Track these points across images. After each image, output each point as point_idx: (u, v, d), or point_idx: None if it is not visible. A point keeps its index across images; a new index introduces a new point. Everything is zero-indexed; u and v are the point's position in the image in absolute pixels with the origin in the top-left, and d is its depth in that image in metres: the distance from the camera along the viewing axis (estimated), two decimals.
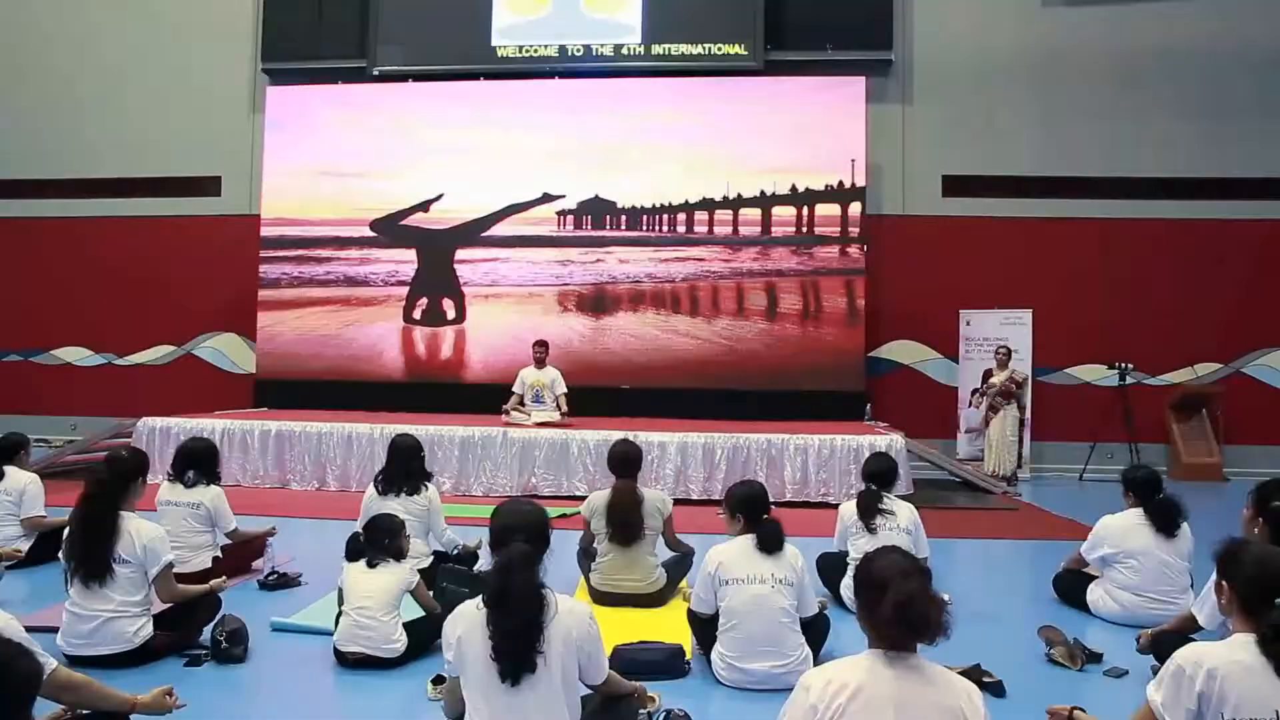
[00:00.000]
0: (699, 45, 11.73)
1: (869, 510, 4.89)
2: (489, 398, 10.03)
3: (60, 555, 3.90)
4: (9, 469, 5.74)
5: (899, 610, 2.21)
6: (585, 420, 9.32)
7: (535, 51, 11.97)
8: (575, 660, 2.75)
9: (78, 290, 12.92)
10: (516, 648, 2.62)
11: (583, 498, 6.56)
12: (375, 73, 12.14)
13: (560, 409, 9.39)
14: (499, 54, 12.01)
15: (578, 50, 11.92)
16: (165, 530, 4.13)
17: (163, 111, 12.83)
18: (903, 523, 4.90)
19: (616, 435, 8.22)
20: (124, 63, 12.95)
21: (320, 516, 7.54)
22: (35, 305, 13.01)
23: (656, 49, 11.80)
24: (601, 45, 11.89)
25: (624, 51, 11.86)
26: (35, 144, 13.08)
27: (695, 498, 8.39)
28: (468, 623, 2.73)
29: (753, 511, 4.02)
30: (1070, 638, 4.19)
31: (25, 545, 5.60)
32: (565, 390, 9.52)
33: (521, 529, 2.84)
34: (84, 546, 3.81)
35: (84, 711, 2.96)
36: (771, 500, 4.29)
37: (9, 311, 13.07)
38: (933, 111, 11.87)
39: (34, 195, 13.09)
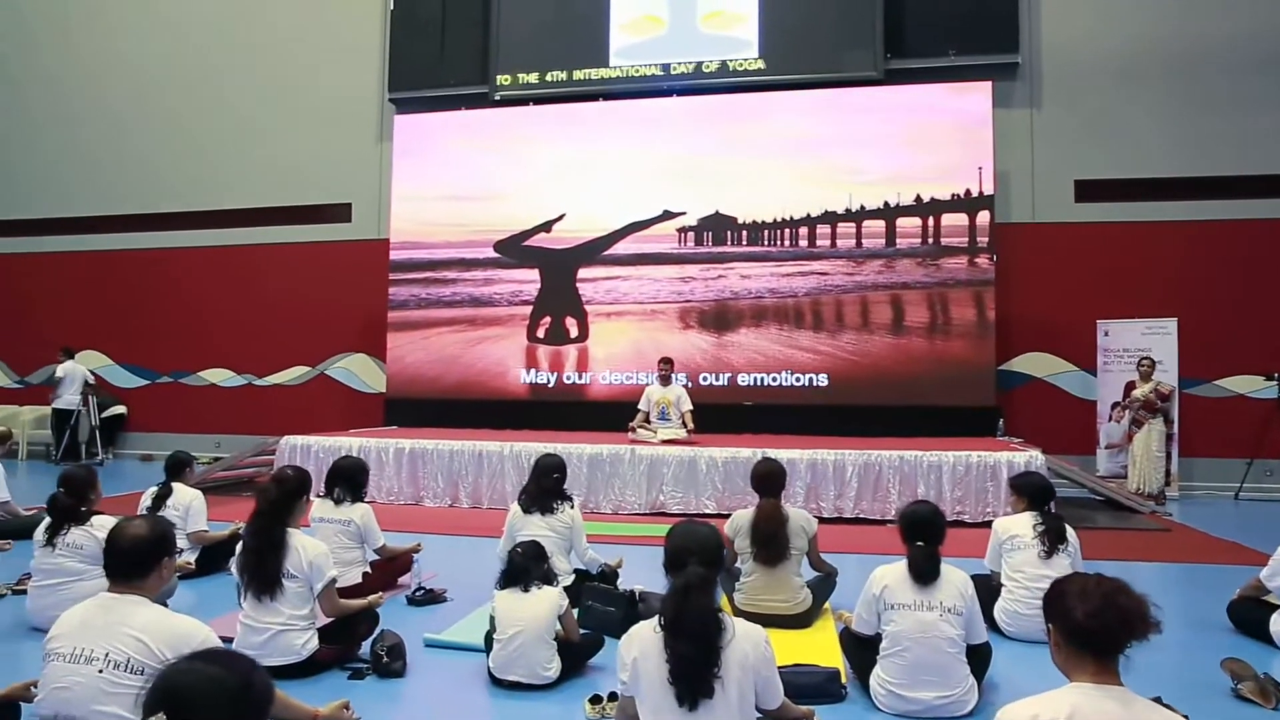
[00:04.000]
0: (817, 57, 11.62)
1: (1058, 535, 4.71)
2: (613, 414, 10.15)
3: (233, 569, 4.08)
4: (176, 485, 6.06)
5: (1108, 599, 2.16)
6: (710, 437, 9.27)
7: (653, 71, 12.09)
8: (752, 684, 2.71)
9: (221, 315, 13.67)
10: (694, 672, 2.60)
11: (712, 515, 6.53)
12: (497, 98, 12.48)
13: (685, 425, 9.37)
14: (617, 75, 12.18)
15: (695, 67, 11.98)
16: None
17: (297, 143, 13.50)
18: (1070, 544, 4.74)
19: (745, 452, 8.18)
20: (260, 98, 13.70)
21: (455, 533, 7.67)
22: (182, 330, 13.83)
23: (774, 63, 11.75)
24: (719, 61, 11.91)
25: (741, 67, 11.85)
26: (181, 179, 13.96)
27: (827, 515, 8.21)
28: (643, 645, 2.71)
29: (908, 535, 3.81)
30: (1260, 672, 3.90)
31: (192, 558, 5.90)
32: (690, 407, 9.49)
33: (697, 551, 2.81)
34: (256, 561, 3.97)
35: None
36: None
37: (160, 337, 13.92)
38: (1063, 114, 11.44)
39: (181, 227, 13.93)
